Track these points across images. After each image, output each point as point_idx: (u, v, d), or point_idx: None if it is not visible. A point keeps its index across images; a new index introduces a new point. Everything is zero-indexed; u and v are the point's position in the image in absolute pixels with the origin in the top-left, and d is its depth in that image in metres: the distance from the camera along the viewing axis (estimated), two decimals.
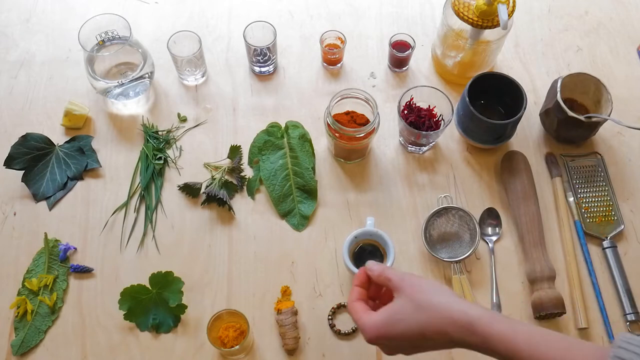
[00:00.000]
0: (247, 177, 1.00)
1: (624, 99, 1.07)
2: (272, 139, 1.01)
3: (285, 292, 0.90)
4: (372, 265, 0.69)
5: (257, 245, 0.94)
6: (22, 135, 0.99)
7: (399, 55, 1.06)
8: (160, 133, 1.04)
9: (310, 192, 0.97)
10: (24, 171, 0.98)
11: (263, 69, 1.09)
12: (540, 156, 1.03)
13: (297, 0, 1.19)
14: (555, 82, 0.97)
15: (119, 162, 1.01)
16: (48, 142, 1.01)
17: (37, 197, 0.98)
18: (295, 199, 0.96)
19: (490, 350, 0.57)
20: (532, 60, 1.13)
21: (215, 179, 0.98)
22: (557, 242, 0.94)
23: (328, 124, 0.94)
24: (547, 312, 0.85)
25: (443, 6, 1.02)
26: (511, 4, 0.95)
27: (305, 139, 1.01)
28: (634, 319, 0.87)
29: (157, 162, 1.00)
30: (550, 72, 1.11)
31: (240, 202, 0.98)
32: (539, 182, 0.99)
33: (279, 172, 0.98)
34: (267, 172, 0.98)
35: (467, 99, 0.95)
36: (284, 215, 0.96)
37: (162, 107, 1.07)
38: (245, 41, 1.03)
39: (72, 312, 0.89)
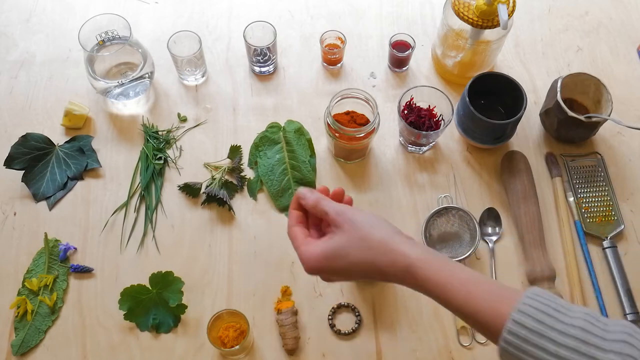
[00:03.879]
0: (247, 177, 1.00)
1: (624, 99, 1.07)
2: (268, 134, 1.01)
3: (285, 292, 0.90)
4: (305, 192, 0.65)
5: (257, 245, 0.94)
6: (22, 135, 0.99)
7: (399, 55, 1.06)
8: (160, 133, 1.04)
9: (307, 185, 0.97)
10: (24, 171, 0.98)
11: (263, 69, 1.09)
12: (540, 156, 1.03)
13: (297, 0, 1.19)
14: (555, 82, 0.97)
15: (119, 162, 1.01)
16: (48, 142, 1.01)
17: (37, 197, 0.98)
18: (294, 193, 0.95)
19: (427, 292, 0.58)
20: (532, 60, 1.13)
21: (215, 179, 0.98)
22: (557, 242, 0.94)
23: (328, 124, 0.94)
24: None
25: (443, 6, 1.02)
26: (511, 4, 0.95)
27: (301, 132, 1.01)
28: (634, 319, 0.87)
29: (157, 162, 1.00)
30: (550, 72, 1.11)
31: (240, 202, 0.98)
32: (539, 182, 0.99)
33: (276, 167, 0.98)
34: (264, 168, 0.98)
35: (467, 99, 0.95)
36: (283, 209, 0.96)
37: (162, 107, 1.07)
38: (245, 41, 1.03)
39: (72, 312, 0.89)
